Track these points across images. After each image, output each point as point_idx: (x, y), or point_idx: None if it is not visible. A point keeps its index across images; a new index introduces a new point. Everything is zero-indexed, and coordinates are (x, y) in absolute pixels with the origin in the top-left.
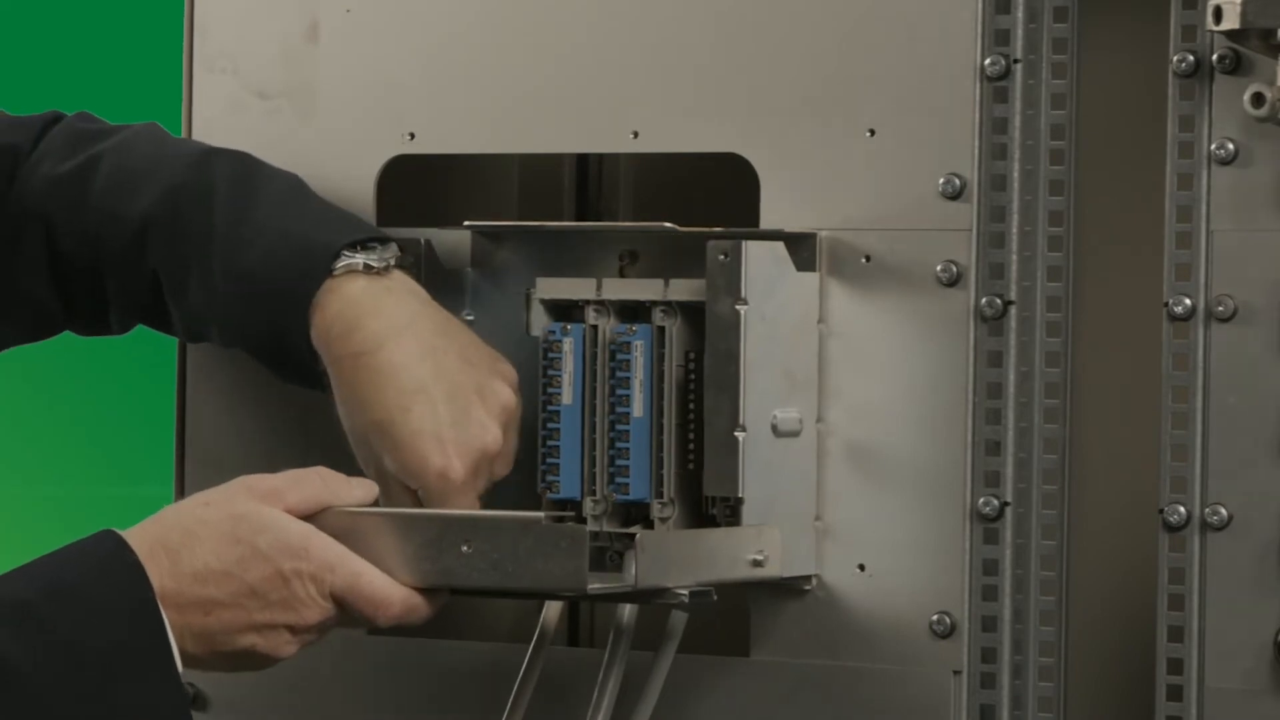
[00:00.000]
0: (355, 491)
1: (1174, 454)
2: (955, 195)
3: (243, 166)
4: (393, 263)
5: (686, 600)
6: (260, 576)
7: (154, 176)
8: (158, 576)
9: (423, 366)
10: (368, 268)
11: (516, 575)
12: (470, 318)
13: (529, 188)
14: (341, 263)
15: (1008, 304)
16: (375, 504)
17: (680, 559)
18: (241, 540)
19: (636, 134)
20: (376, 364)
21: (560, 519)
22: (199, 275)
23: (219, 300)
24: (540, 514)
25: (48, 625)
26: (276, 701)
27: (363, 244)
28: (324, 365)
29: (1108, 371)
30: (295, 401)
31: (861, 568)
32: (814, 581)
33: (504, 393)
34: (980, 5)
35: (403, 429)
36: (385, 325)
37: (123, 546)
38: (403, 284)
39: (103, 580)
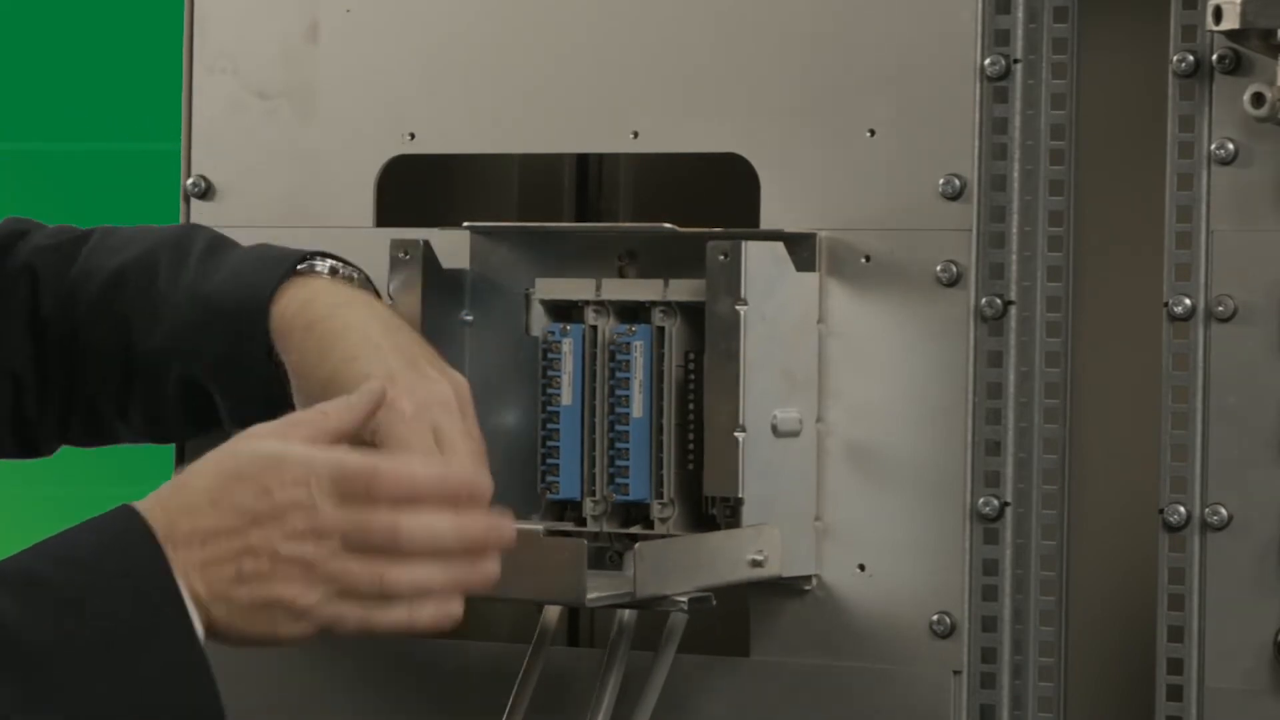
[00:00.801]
0: (356, 406)
1: (1174, 454)
2: (955, 195)
3: (222, 236)
4: (356, 276)
5: (685, 607)
6: (245, 493)
7: (137, 240)
8: (159, 524)
9: (372, 327)
10: (333, 270)
11: (515, 587)
12: (470, 318)
13: (529, 188)
14: (303, 264)
15: (1008, 304)
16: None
17: (679, 566)
18: (224, 469)
19: (636, 134)
20: (327, 328)
21: (559, 533)
22: (168, 310)
23: (182, 327)
24: (539, 526)
25: (56, 590)
26: (276, 702)
27: (325, 255)
28: (279, 359)
29: (1108, 371)
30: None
31: (861, 568)
32: (814, 581)
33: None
34: (980, 5)
35: (349, 374)
36: (341, 300)
37: (131, 512)
38: (365, 290)
39: (111, 545)
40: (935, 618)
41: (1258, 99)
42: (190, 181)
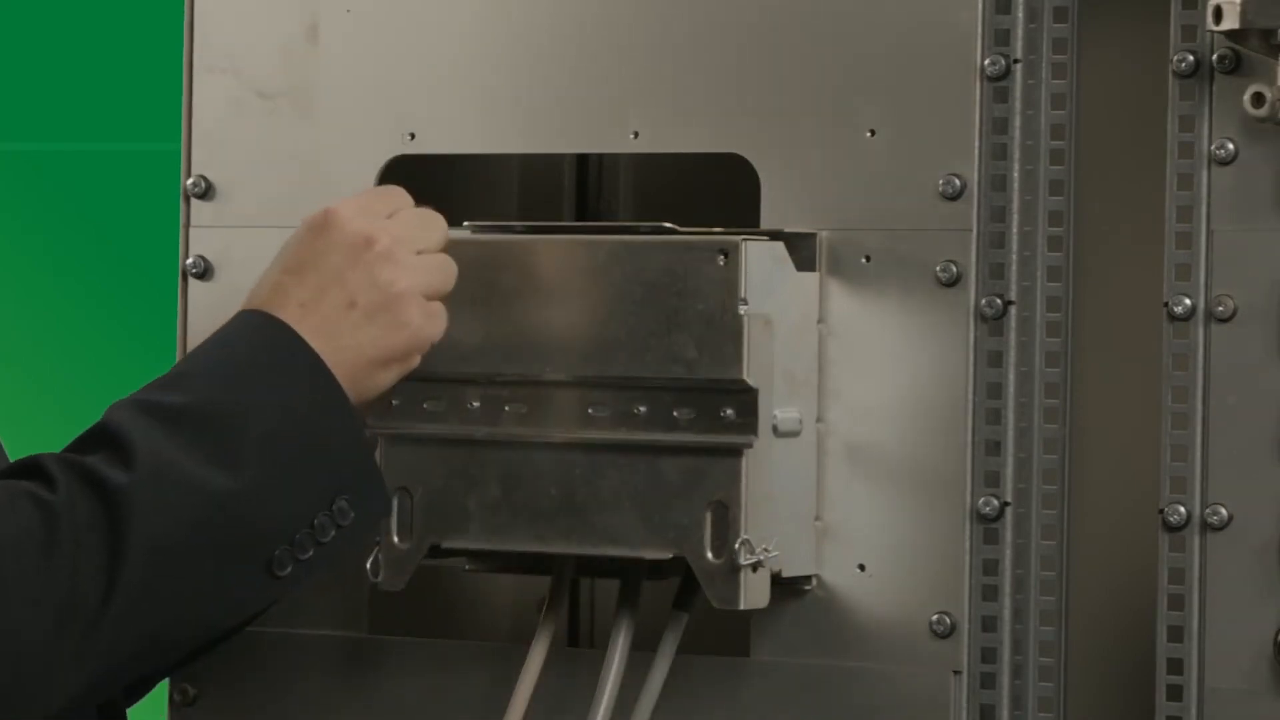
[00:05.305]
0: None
1: (1174, 454)
2: (955, 195)
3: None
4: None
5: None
6: (304, 250)
7: None
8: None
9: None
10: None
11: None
12: None
13: (529, 188)
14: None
15: (1008, 304)
16: None
17: None
18: (291, 244)
19: (636, 134)
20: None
21: None
22: None
23: None
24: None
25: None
26: (275, 702)
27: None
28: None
29: (1108, 371)
30: None
31: (861, 568)
32: (814, 581)
33: None
34: (980, 5)
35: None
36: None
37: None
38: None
39: (237, 332)
40: (935, 618)
41: (1258, 99)
42: (190, 181)
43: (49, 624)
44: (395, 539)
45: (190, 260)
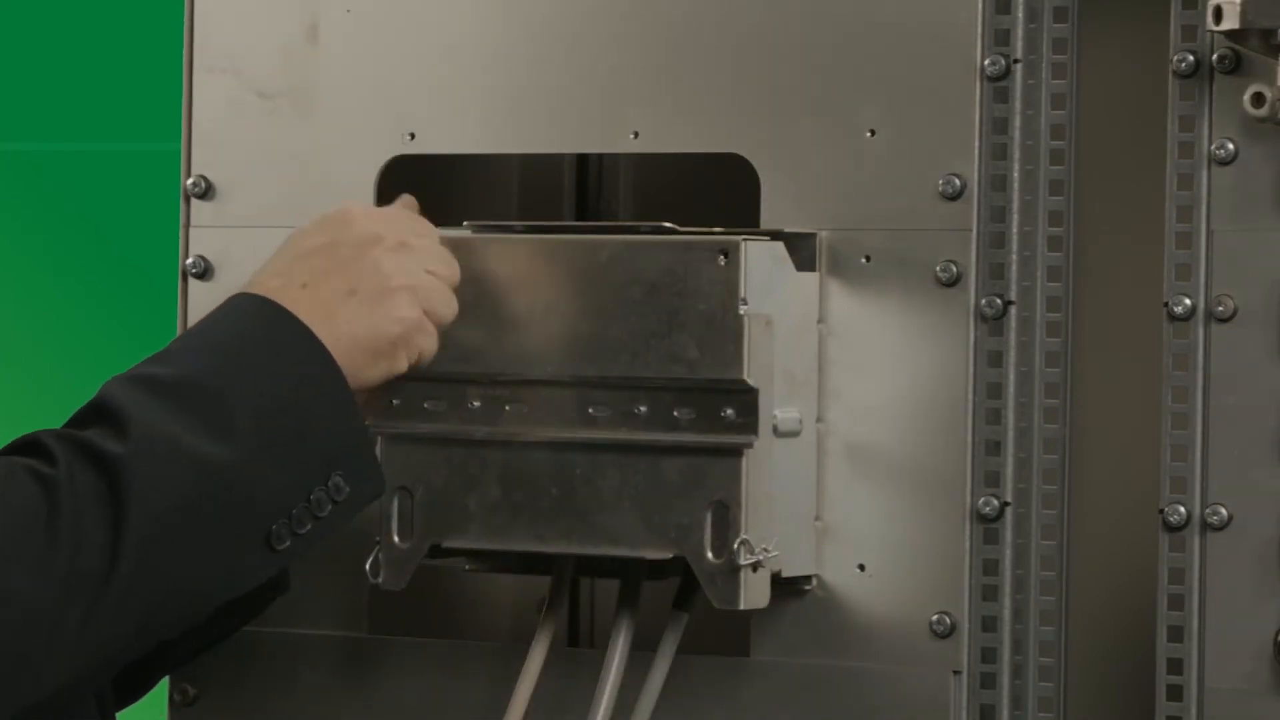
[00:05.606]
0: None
1: (1174, 454)
2: (955, 195)
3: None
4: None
5: None
6: (314, 240)
7: None
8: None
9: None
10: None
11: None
12: None
13: (529, 188)
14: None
15: (1008, 304)
16: None
17: None
18: (300, 235)
19: (636, 134)
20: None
21: None
22: None
23: None
24: None
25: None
26: (275, 702)
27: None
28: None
29: (1108, 371)
30: None
31: (861, 568)
32: (814, 581)
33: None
34: (980, 5)
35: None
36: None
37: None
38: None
39: (231, 310)
40: (935, 618)
41: (1258, 99)
42: (190, 181)
43: (54, 596)
44: (395, 539)
45: (190, 260)
